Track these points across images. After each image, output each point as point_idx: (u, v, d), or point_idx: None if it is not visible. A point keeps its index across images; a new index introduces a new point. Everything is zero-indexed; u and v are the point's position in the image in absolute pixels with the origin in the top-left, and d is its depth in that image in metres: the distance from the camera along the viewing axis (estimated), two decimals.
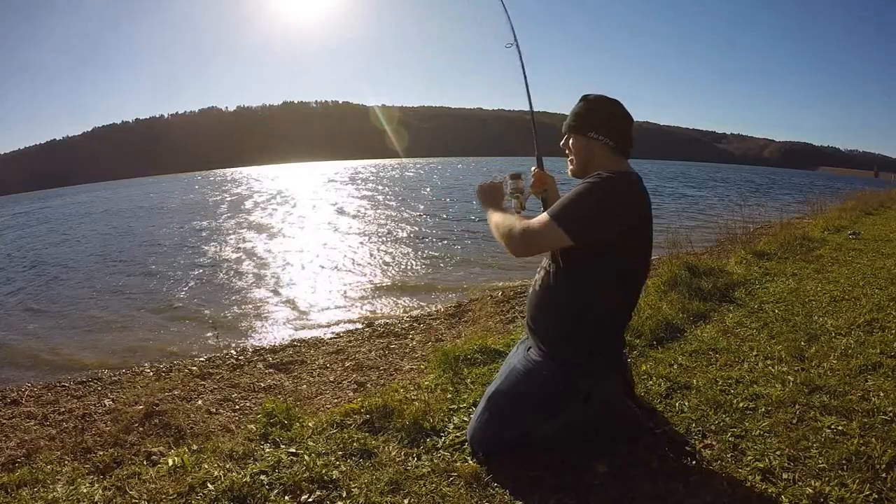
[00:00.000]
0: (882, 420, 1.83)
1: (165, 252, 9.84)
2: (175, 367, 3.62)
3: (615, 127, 1.68)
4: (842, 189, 18.55)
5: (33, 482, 1.83)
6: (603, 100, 1.71)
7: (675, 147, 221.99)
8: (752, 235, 6.68)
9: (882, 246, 5.46)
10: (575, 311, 1.64)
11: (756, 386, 2.13)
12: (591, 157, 1.68)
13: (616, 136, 1.67)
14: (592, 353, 1.67)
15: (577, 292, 1.62)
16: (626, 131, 1.69)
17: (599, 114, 1.69)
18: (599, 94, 1.72)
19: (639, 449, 1.71)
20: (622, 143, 1.67)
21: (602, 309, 1.63)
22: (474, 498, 1.52)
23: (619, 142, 1.67)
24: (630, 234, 1.58)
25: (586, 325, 1.64)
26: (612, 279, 1.60)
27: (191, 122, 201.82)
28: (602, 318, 1.65)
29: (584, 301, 1.62)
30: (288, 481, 1.63)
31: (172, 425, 2.40)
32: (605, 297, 1.62)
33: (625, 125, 1.70)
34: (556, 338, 1.69)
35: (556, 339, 1.69)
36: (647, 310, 3.06)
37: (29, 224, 18.88)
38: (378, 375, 3.05)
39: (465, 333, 3.60)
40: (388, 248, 9.20)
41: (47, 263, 9.51)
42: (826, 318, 3.01)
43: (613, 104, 1.70)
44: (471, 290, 5.68)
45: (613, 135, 1.67)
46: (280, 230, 12.45)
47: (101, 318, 5.62)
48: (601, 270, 1.59)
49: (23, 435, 2.54)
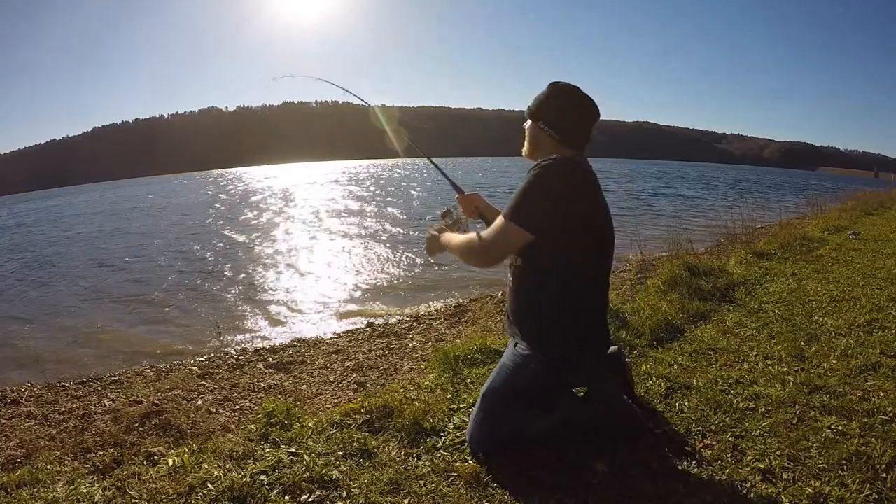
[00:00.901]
0: (882, 420, 1.83)
1: (165, 252, 9.84)
2: (175, 367, 3.62)
3: (565, 121, 1.68)
4: (841, 189, 18.54)
5: (33, 482, 1.83)
6: (562, 90, 1.69)
7: (675, 147, 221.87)
8: (752, 235, 6.67)
9: (882, 246, 5.46)
10: (545, 302, 1.65)
11: (756, 386, 2.13)
12: (537, 145, 1.73)
13: (562, 131, 1.67)
14: (580, 348, 1.68)
15: (543, 283, 1.64)
16: (580, 126, 1.69)
17: (552, 105, 1.69)
18: (565, 84, 1.70)
19: (639, 449, 1.70)
20: (568, 138, 1.67)
21: (571, 298, 1.64)
22: (474, 498, 1.52)
23: (564, 136, 1.67)
24: (583, 218, 1.59)
25: (559, 316, 1.65)
26: (576, 267, 1.62)
27: (191, 122, 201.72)
28: (573, 307, 1.65)
29: (552, 290, 1.63)
30: (288, 481, 1.63)
31: (172, 425, 2.40)
32: (571, 285, 1.63)
33: (577, 119, 1.69)
34: (533, 330, 1.70)
35: (533, 331, 1.70)
36: (647, 310, 3.06)
37: (29, 224, 18.89)
38: (378, 375, 3.05)
39: (465, 333, 3.60)
40: (388, 248, 9.20)
41: (47, 263, 9.52)
42: (826, 318, 3.01)
43: (572, 97, 1.68)
44: (471, 290, 5.68)
45: (559, 128, 1.67)
46: (280, 230, 12.45)
47: (101, 317, 5.62)
48: (564, 259, 1.60)
49: (23, 435, 2.53)
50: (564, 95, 1.69)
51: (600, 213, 1.65)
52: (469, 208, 2.05)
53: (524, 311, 1.73)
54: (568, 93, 1.69)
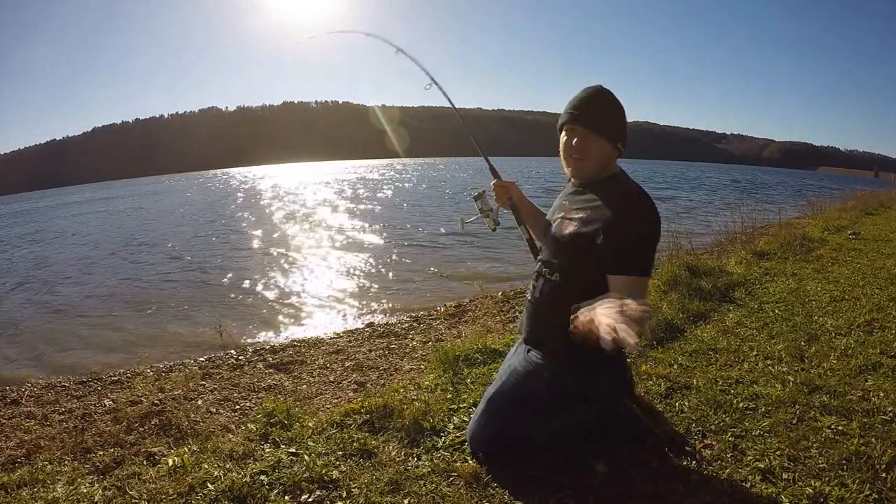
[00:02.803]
0: (882, 420, 1.83)
1: (164, 252, 9.84)
2: (175, 367, 3.62)
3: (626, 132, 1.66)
4: (841, 189, 18.55)
5: (33, 482, 1.83)
6: (616, 98, 1.64)
7: (675, 147, 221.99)
8: (752, 235, 6.67)
9: (882, 246, 5.46)
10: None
11: (756, 386, 2.13)
12: (607, 164, 1.64)
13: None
14: (597, 358, 1.66)
15: (587, 299, 1.60)
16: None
17: (624, 121, 1.64)
18: (613, 94, 1.64)
19: (639, 449, 1.71)
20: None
21: None
22: (474, 498, 1.52)
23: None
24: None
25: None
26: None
27: (191, 122, 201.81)
28: None
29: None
30: (288, 481, 1.63)
31: (172, 425, 2.40)
32: None
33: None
34: (559, 347, 1.63)
35: (559, 347, 1.63)
36: None
37: (28, 223, 18.89)
38: (378, 375, 3.05)
39: (465, 333, 3.59)
40: (388, 247, 9.19)
41: (47, 263, 9.52)
42: (826, 318, 3.01)
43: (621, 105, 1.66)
44: (471, 290, 5.68)
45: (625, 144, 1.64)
46: (280, 230, 12.45)
47: (100, 317, 5.62)
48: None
49: (23, 435, 2.53)
50: (622, 106, 1.63)
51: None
52: (503, 197, 1.97)
53: (555, 325, 1.60)
54: (620, 102, 1.63)
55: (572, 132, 1.62)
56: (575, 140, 1.61)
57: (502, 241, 7.71)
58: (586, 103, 1.60)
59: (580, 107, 1.60)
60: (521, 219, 1.99)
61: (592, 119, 1.58)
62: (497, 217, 2.03)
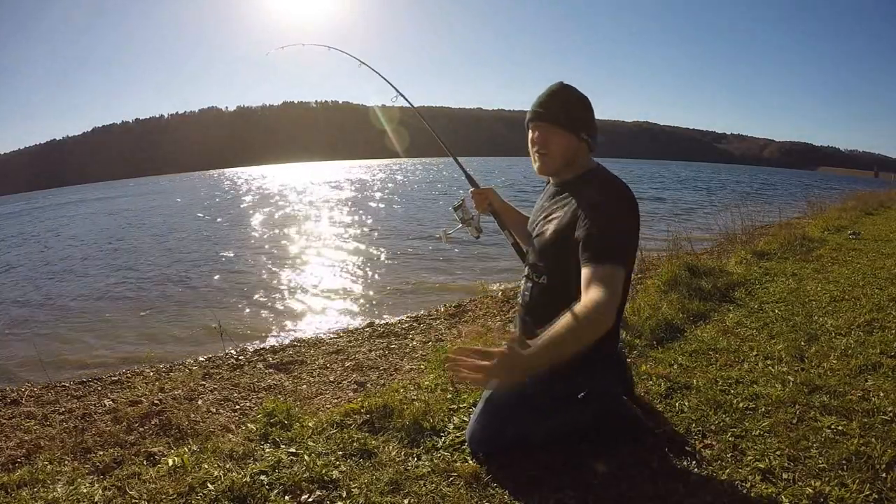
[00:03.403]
0: (882, 420, 1.83)
1: (164, 252, 9.84)
2: (175, 367, 3.63)
3: (595, 126, 1.65)
4: (841, 189, 18.54)
5: (33, 482, 1.83)
6: (580, 93, 1.65)
7: (675, 147, 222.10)
8: (752, 235, 6.67)
9: (882, 246, 5.46)
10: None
11: (756, 386, 2.13)
12: (574, 158, 1.65)
13: (596, 138, 1.64)
14: (596, 357, 1.66)
15: (577, 300, 1.61)
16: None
17: (589, 112, 1.65)
18: (575, 88, 1.64)
19: (639, 449, 1.70)
20: (596, 144, 1.66)
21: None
22: (474, 498, 1.52)
23: (596, 143, 1.65)
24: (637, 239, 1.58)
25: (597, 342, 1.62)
26: (623, 293, 1.57)
27: (191, 122, 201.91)
28: (610, 331, 1.60)
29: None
30: (288, 481, 1.63)
31: (172, 425, 2.40)
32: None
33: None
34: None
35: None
36: (647, 310, 3.05)
37: (27, 223, 18.89)
38: (378, 375, 3.05)
39: (465, 333, 3.60)
40: (388, 248, 9.20)
41: (48, 262, 9.52)
42: (826, 318, 3.01)
43: (587, 99, 1.66)
44: (471, 290, 5.68)
45: (595, 136, 1.64)
46: (280, 231, 12.45)
47: (101, 318, 5.63)
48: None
49: (23, 435, 2.53)
50: (585, 98, 1.63)
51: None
52: (482, 203, 2.00)
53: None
54: (584, 95, 1.64)
55: (535, 128, 1.66)
56: (536, 134, 1.65)
57: (502, 240, 7.72)
58: (546, 98, 1.64)
59: (540, 103, 1.64)
60: (503, 223, 2.03)
61: (551, 113, 1.61)
62: (479, 224, 2.06)
